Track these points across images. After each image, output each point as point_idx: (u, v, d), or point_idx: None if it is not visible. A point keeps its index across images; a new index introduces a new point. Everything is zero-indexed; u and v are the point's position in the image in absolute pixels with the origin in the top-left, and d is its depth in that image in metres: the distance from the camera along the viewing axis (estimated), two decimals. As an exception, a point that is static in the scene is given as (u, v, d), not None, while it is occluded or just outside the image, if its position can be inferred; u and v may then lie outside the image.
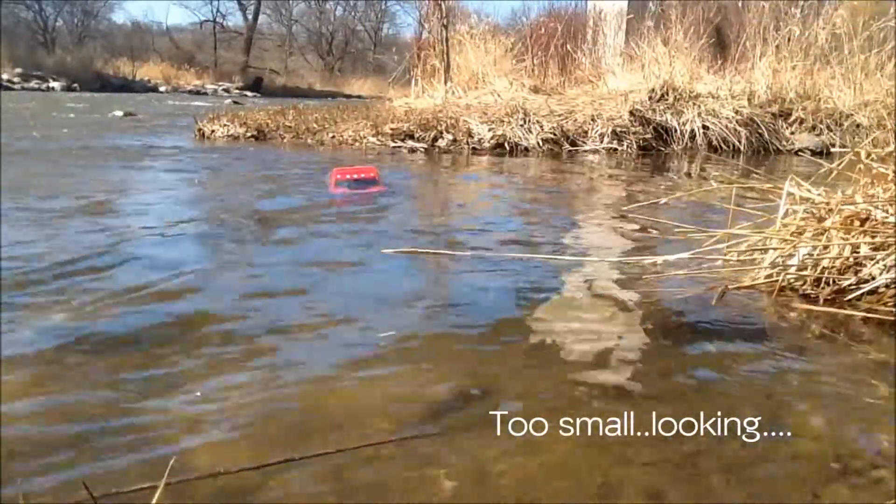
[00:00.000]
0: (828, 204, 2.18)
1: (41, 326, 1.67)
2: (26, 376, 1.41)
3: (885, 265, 1.98)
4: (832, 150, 6.95)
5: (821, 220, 2.18)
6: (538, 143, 6.90)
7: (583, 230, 3.17)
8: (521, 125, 7.02)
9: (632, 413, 1.31)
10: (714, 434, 1.22)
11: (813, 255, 2.09)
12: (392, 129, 7.12)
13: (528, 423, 1.25)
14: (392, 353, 1.57)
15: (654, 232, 3.01)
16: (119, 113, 11.71)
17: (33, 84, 23.95)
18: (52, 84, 24.29)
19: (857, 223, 2.11)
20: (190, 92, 27.98)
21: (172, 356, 1.52)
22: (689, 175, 5.62)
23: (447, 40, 9.43)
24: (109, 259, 2.34)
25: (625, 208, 3.83)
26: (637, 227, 3.16)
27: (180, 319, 1.75)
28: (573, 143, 7.01)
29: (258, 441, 1.18)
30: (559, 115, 7.36)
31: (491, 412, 1.29)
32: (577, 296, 2.06)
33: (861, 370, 1.57)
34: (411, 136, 7.03)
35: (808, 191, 2.29)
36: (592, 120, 7.18)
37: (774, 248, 2.18)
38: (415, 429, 1.22)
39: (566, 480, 1.08)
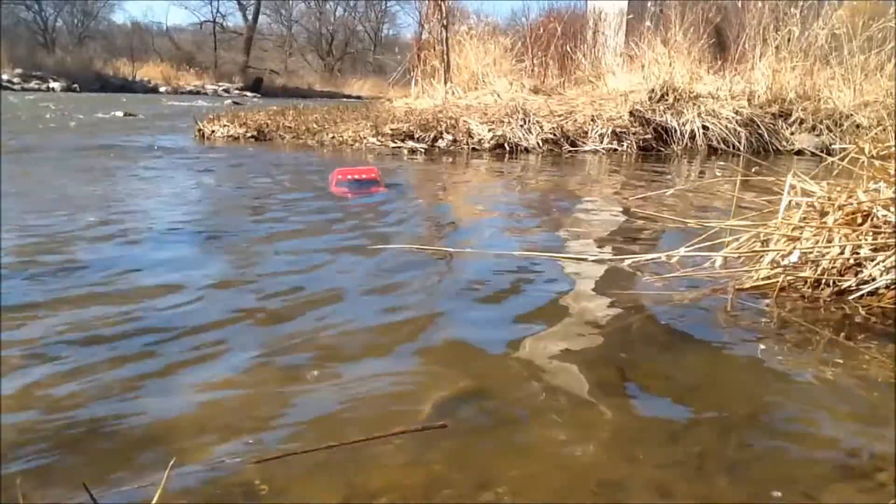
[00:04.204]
0: (829, 199, 2.18)
1: (41, 326, 1.67)
2: (26, 376, 1.41)
3: (885, 266, 1.98)
4: (832, 150, 6.95)
5: (823, 214, 2.18)
6: (538, 144, 6.90)
7: (583, 229, 3.17)
8: (521, 126, 7.02)
9: (633, 412, 1.31)
10: (716, 435, 1.22)
11: (813, 251, 2.09)
12: (392, 129, 7.12)
13: (529, 421, 1.25)
14: (390, 350, 1.57)
15: (656, 229, 3.01)
16: (119, 113, 11.72)
17: (33, 84, 23.97)
18: (52, 84, 24.30)
19: (858, 219, 2.11)
20: (190, 92, 28.00)
21: (172, 355, 1.52)
22: (690, 168, 5.63)
23: (447, 41, 9.43)
24: (108, 258, 2.34)
25: (631, 199, 3.84)
26: (638, 224, 3.16)
27: (180, 318, 1.75)
28: (573, 144, 7.01)
29: (259, 439, 1.17)
30: (559, 116, 7.36)
31: (491, 410, 1.30)
32: (574, 295, 2.05)
33: (861, 371, 1.57)
34: (411, 137, 7.03)
35: (810, 184, 2.29)
36: (592, 120, 7.18)
37: (775, 247, 2.18)
38: (416, 425, 1.21)
39: (568, 479, 1.08)
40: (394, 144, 7.00)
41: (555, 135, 7.00)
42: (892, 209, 2.04)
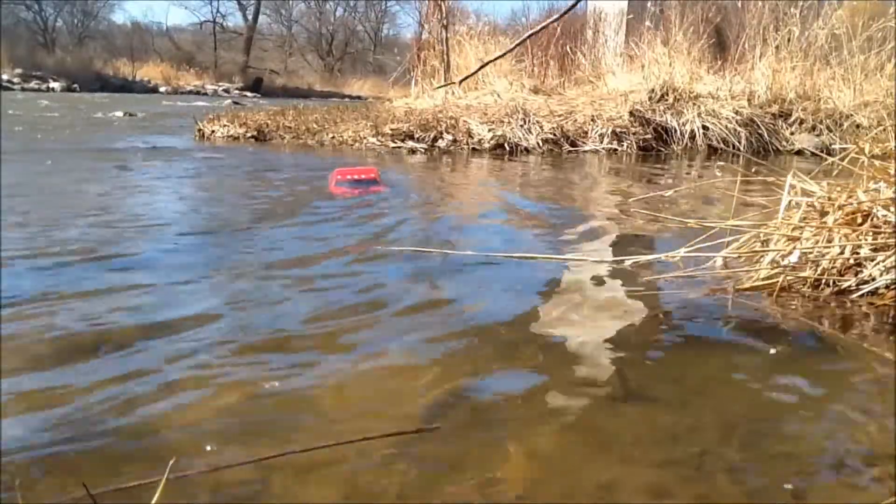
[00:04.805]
0: (829, 199, 2.18)
1: (40, 326, 1.67)
2: (25, 376, 1.40)
3: (885, 266, 1.98)
4: (832, 150, 6.95)
5: (823, 214, 2.18)
6: (538, 144, 6.90)
7: (583, 229, 3.16)
8: (521, 126, 7.02)
9: (632, 412, 1.31)
10: (716, 434, 1.22)
11: (813, 251, 2.09)
12: (392, 129, 7.11)
13: (528, 423, 1.25)
14: (389, 350, 1.57)
15: (656, 229, 3.01)
16: (119, 113, 11.72)
17: (33, 84, 23.96)
18: (52, 84, 24.30)
19: (858, 219, 2.11)
20: (190, 92, 28.01)
21: (171, 355, 1.52)
22: (689, 168, 5.63)
23: (447, 41, 9.44)
24: (107, 259, 2.34)
25: (631, 199, 3.84)
26: (639, 224, 3.16)
27: (179, 319, 1.75)
28: (573, 144, 7.01)
29: (257, 438, 1.18)
30: (559, 116, 7.36)
31: (490, 409, 1.29)
32: (575, 295, 2.05)
33: (861, 371, 1.57)
34: (411, 137, 7.03)
35: (810, 184, 2.29)
36: (592, 120, 7.18)
37: (775, 247, 2.18)
38: (414, 425, 1.21)
39: (568, 480, 1.08)
40: (394, 144, 7.00)
41: (555, 135, 7.00)
42: (892, 209, 2.04)
